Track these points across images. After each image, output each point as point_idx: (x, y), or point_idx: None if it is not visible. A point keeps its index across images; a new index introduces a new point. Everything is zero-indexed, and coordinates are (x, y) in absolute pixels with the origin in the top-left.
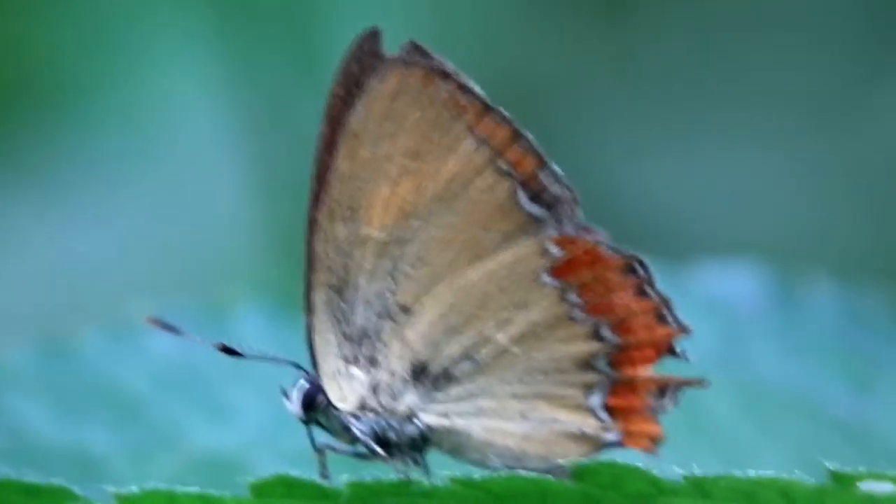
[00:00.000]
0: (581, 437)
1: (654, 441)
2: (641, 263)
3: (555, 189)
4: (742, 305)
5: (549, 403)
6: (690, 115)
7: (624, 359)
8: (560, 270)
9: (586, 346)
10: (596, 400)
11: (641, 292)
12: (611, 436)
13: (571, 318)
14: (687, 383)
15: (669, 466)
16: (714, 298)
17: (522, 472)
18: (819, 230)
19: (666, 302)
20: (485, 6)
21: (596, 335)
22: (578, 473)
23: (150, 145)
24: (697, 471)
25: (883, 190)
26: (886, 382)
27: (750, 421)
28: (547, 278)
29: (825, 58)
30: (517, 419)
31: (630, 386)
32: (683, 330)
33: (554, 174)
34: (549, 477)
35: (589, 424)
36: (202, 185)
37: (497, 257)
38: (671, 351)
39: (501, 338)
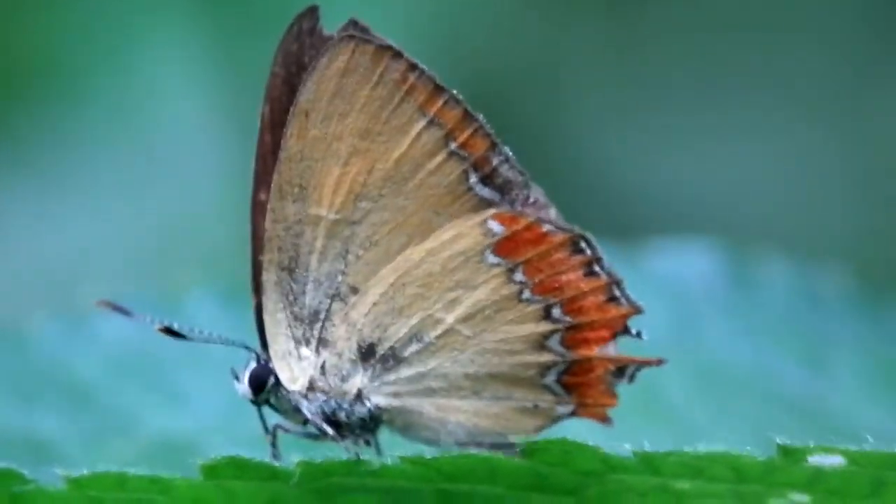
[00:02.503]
0: (535, 411)
1: (608, 411)
2: (587, 241)
3: (506, 172)
4: (696, 285)
5: (504, 382)
6: (658, 99)
7: (578, 339)
8: (503, 248)
9: (538, 327)
10: (551, 378)
11: (590, 271)
12: (565, 409)
13: (521, 299)
14: (646, 363)
15: (620, 443)
16: (668, 278)
17: (472, 450)
18: (776, 212)
19: (617, 281)
20: None
21: (547, 316)
22: (528, 451)
23: (133, 134)
24: (647, 447)
25: (843, 172)
26: (840, 361)
27: (704, 400)
28: (491, 257)
29: (808, 50)
30: (470, 397)
31: (587, 366)
32: (636, 310)
33: (505, 157)
34: (499, 455)
35: (544, 399)
36: (184, 175)
37: (438, 236)
38: (625, 331)
39: (450, 319)
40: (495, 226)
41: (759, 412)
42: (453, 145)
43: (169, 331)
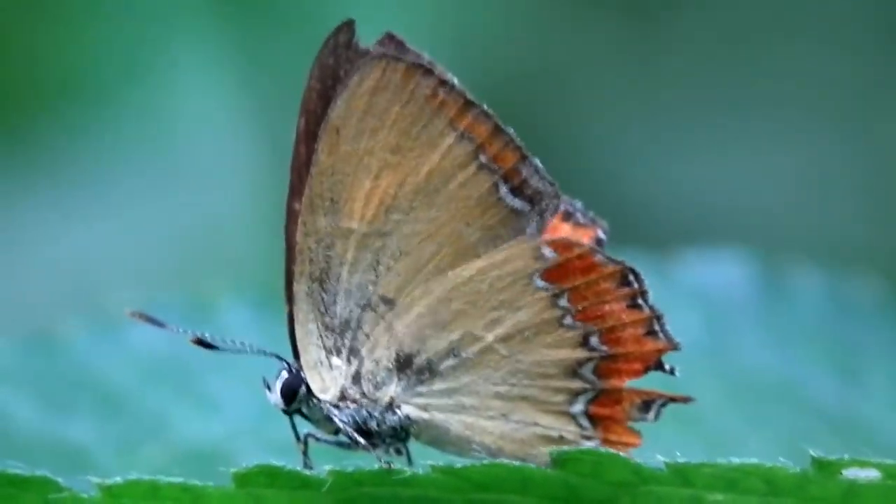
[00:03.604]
0: (559, 441)
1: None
2: (635, 274)
3: (536, 183)
4: (727, 295)
5: (532, 406)
6: (682, 108)
7: (611, 369)
8: (553, 274)
9: (574, 354)
10: (579, 407)
11: (634, 304)
12: (589, 442)
13: (561, 324)
14: (673, 399)
15: (651, 454)
16: (700, 287)
17: (503, 460)
18: (803, 221)
19: (658, 316)
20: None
21: (584, 343)
22: (559, 461)
23: (160, 141)
24: (679, 458)
25: (872, 181)
26: (872, 371)
27: (735, 410)
28: (539, 281)
29: (834, 59)
30: (498, 419)
31: (615, 397)
32: (672, 346)
33: (535, 168)
34: (530, 465)
35: (569, 430)
36: (211, 182)
37: (490, 256)
38: (659, 366)
39: (489, 337)
40: (548, 251)
41: (790, 422)
42: (483, 158)
43: (202, 342)
